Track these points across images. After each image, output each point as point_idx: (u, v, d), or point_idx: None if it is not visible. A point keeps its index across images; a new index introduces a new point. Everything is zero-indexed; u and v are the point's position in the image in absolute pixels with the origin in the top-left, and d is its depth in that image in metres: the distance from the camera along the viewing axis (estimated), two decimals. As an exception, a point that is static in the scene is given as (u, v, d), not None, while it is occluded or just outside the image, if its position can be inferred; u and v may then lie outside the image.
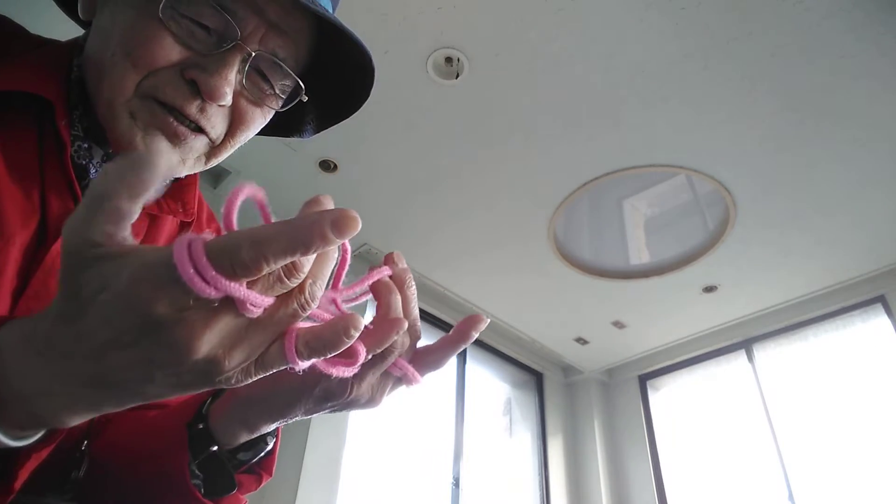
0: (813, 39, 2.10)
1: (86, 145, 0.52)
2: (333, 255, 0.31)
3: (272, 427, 0.46)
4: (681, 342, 4.10)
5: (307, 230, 0.26)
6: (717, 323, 3.88)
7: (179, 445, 0.46)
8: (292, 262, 0.27)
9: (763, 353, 3.82)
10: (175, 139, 0.49)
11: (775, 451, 3.45)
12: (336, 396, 0.41)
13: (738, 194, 2.83)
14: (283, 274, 0.27)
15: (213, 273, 0.25)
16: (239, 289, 0.26)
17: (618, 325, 3.92)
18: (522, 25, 2.10)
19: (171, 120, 0.49)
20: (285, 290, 0.28)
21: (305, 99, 0.57)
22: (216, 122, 0.51)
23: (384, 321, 0.39)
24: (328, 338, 0.30)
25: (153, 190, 0.26)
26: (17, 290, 0.47)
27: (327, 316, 0.35)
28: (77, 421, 0.31)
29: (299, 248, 0.26)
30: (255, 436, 0.47)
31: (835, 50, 2.14)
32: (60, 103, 0.50)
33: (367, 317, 0.42)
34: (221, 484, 0.48)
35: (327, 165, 2.73)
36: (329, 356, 0.31)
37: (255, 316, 0.28)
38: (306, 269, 0.28)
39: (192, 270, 0.25)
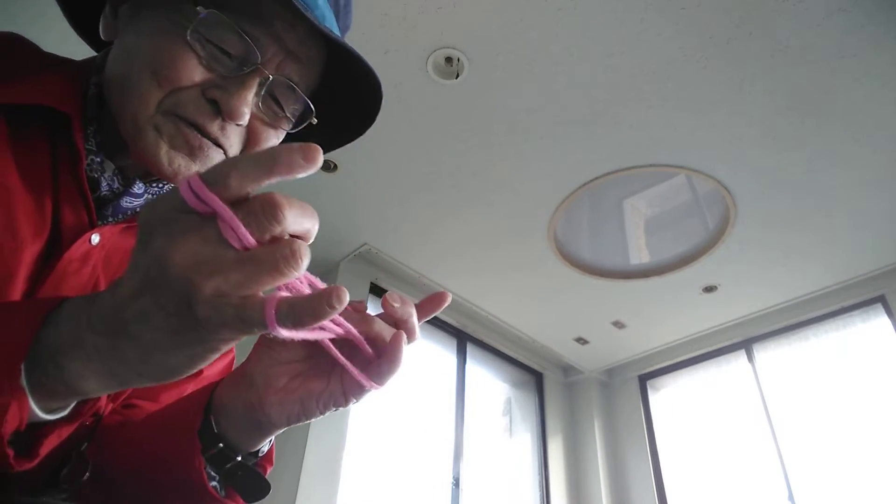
0: (813, 39, 2.10)
1: (98, 159, 0.55)
2: (315, 215, 0.32)
3: (284, 428, 0.48)
4: (681, 342, 4.10)
5: (279, 152, 0.30)
6: (717, 323, 3.89)
7: (193, 455, 0.47)
8: (271, 200, 0.30)
9: (763, 353, 3.82)
10: (198, 152, 0.52)
11: (775, 451, 3.45)
12: (341, 404, 0.46)
13: (737, 194, 2.83)
14: (262, 209, 0.30)
15: (199, 182, 0.30)
16: (218, 201, 0.30)
17: (618, 325, 3.92)
18: (522, 25, 2.10)
19: (196, 133, 0.51)
20: (266, 233, 0.30)
21: (315, 122, 0.60)
22: (234, 141, 0.54)
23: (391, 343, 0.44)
24: (312, 304, 0.31)
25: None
26: (26, 295, 0.49)
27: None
28: (98, 388, 0.34)
29: (271, 164, 0.30)
30: (272, 436, 0.49)
31: (835, 50, 2.14)
32: (77, 118, 0.52)
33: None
34: (258, 487, 0.51)
35: (327, 165, 2.73)
36: (309, 326, 0.32)
37: (235, 244, 0.30)
38: (286, 215, 0.30)
39: (185, 184, 0.30)
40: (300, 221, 0.31)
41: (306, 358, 0.46)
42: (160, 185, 0.59)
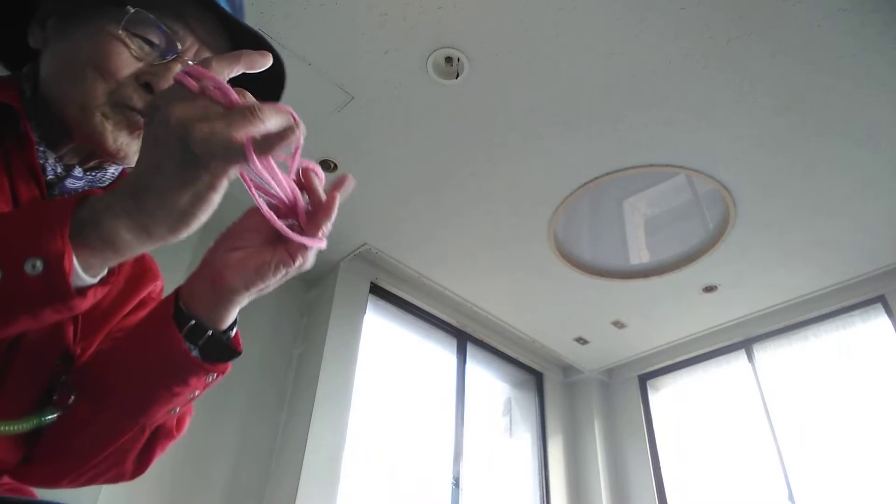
0: (813, 39, 2.10)
1: (41, 149, 0.64)
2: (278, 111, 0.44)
3: (249, 297, 0.56)
4: (681, 342, 4.10)
5: (239, 52, 0.46)
6: (717, 323, 3.88)
7: (171, 334, 0.56)
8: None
9: (763, 353, 3.82)
10: (137, 131, 0.62)
11: (775, 451, 3.45)
12: (289, 265, 0.53)
13: (737, 194, 2.83)
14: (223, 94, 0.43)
15: (194, 66, 0.43)
16: (211, 74, 0.43)
17: (618, 325, 3.92)
18: (522, 25, 2.10)
19: (135, 114, 0.61)
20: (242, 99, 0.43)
21: None
22: None
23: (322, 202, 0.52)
24: (279, 133, 0.42)
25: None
26: None
27: (279, 178, 0.48)
28: (130, 237, 0.45)
29: (237, 57, 0.46)
30: (236, 311, 0.58)
31: (835, 50, 2.14)
32: (22, 111, 0.61)
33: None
34: (226, 354, 0.59)
35: (327, 165, 2.73)
36: (276, 150, 0.43)
37: (222, 101, 0.42)
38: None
39: (182, 73, 0.43)
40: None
41: (258, 245, 0.54)
42: (96, 172, 0.68)
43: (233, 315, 0.58)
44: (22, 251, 0.42)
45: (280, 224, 0.49)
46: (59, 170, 0.65)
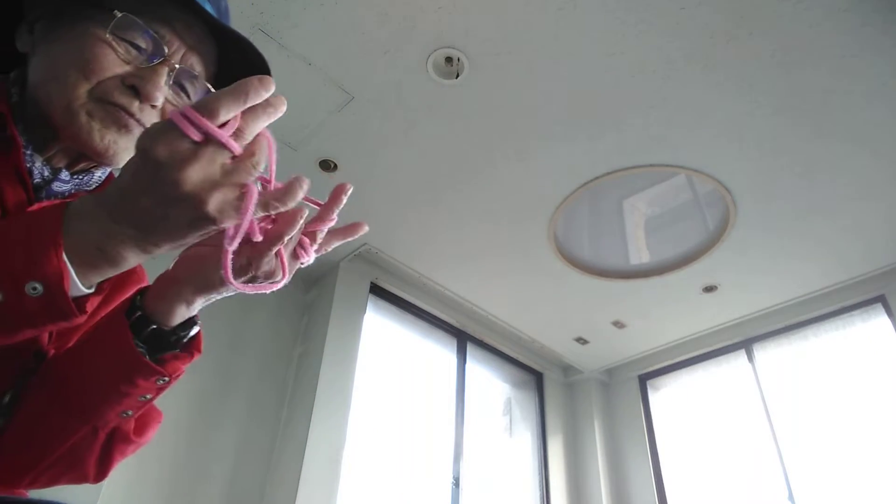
0: (813, 40, 2.10)
1: (28, 152, 0.63)
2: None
3: (204, 301, 0.57)
4: (681, 342, 4.10)
5: (244, 85, 0.42)
6: (717, 323, 3.88)
7: (121, 329, 0.57)
8: (240, 125, 0.43)
9: (763, 353, 3.82)
10: (124, 128, 0.62)
11: (775, 451, 3.45)
12: (244, 272, 0.52)
13: (737, 194, 2.83)
14: (239, 128, 0.43)
15: (196, 114, 0.40)
16: (212, 126, 0.41)
17: (618, 325, 3.92)
18: (522, 25, 2.10)
19: (122, 112, 0.61)
20: (243, 142, 0.43)
21: None
22: (151, 121, 0.64)
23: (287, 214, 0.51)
24: (287, 191, 0.45)
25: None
26: None
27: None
28: (133, 258, 0.46)
29: (241, 96, 0.42)
30: (193, 313, 0.58)
31: (835, 50, 2.14)
32: (10, 115, 0.62)
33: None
34: (166, 347, 0.59)
35: (327, 165, 2.73)
36: (282, 209, 0.46)
37: (228, 159, 0.42)
38: (251, 131, 0.43)
39: (180, 116, 0.40)
40: (257, 127, 0.44)
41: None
42: (83, 175, 0.68)
43: (181, 313, 0.57)
44: (22, 275, 0.43)
45: (231, 279, 0.48)
46: (46, 173, 0.65)
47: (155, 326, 0.57)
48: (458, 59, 2.24)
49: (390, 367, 3.52)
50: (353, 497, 2.87)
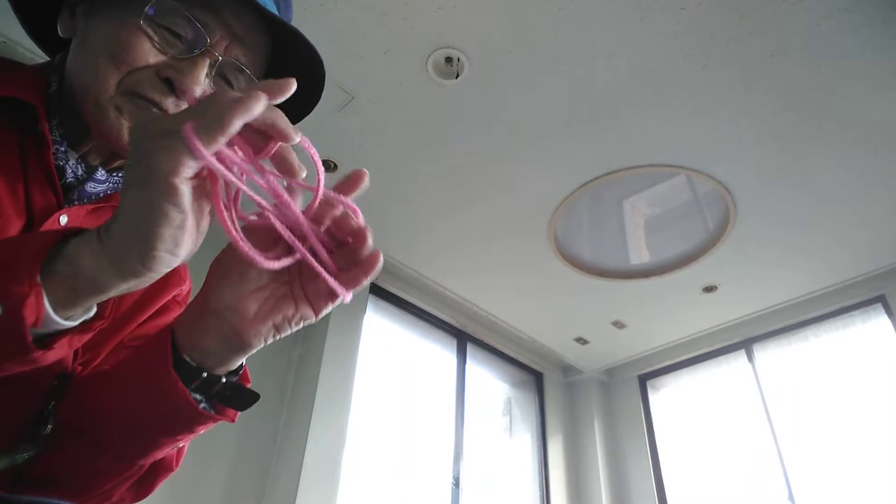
0: (813, 39, 2.10)
1: (62, 148, 0.58)
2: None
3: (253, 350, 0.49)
4: (681, 342, 4.10)
5: (253, 97, 0.37)
6: (717, 323, 3.88)
7: (171, 384, 0.49)
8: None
9: (763, 353, 3.82)
10: None
11: (775, 451, 3.45)
12: (311, 318, 0.48)
13: (737, 194, 2.83)
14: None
15: (200, 150, 0.35)
16: (215, 162, 0.36)
17: (618, 325, 3.92)
18: (522, 25, 2.10)
19: (154, 109, 0.55)
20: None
21: None
22: None
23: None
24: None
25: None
26: None
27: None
28: (115, 287, 0.39)
29: (248, 111, 0.36)
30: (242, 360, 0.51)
31: (835, 50, 2.14)
32: (42, 109, 0.56)
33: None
34: (249, 396, 0.52)
35: (327, 165, 2.73)
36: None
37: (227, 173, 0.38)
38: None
39: (190, 137, 0.34)
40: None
41: (271, 281, 0.47)
42: (120, 173, 0.62)
43: (237, 361, 0.51)
44: None
45: (336, 283, 0.43)
46: (80, 171, 0.59)
47: (224, 380, 0.51)
48: (458, 59, 2.24)
49: (390, 368, 3.51)
50: (353, 497, 2.87)
